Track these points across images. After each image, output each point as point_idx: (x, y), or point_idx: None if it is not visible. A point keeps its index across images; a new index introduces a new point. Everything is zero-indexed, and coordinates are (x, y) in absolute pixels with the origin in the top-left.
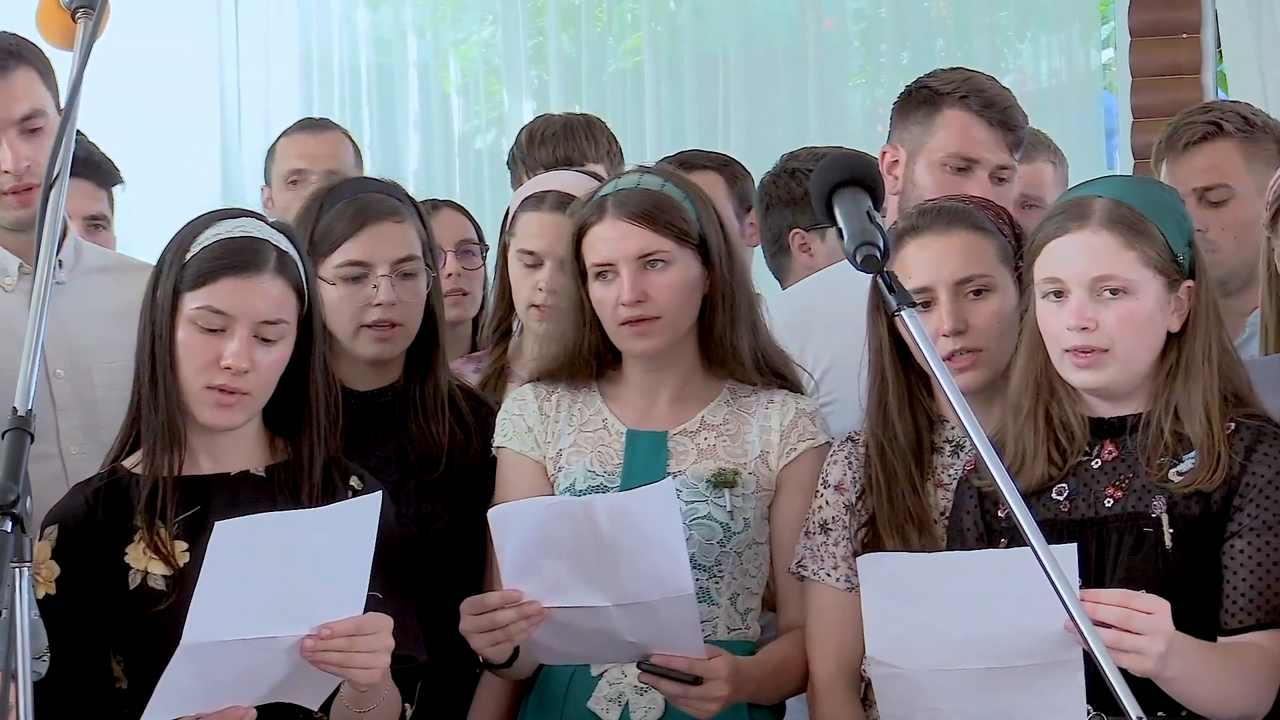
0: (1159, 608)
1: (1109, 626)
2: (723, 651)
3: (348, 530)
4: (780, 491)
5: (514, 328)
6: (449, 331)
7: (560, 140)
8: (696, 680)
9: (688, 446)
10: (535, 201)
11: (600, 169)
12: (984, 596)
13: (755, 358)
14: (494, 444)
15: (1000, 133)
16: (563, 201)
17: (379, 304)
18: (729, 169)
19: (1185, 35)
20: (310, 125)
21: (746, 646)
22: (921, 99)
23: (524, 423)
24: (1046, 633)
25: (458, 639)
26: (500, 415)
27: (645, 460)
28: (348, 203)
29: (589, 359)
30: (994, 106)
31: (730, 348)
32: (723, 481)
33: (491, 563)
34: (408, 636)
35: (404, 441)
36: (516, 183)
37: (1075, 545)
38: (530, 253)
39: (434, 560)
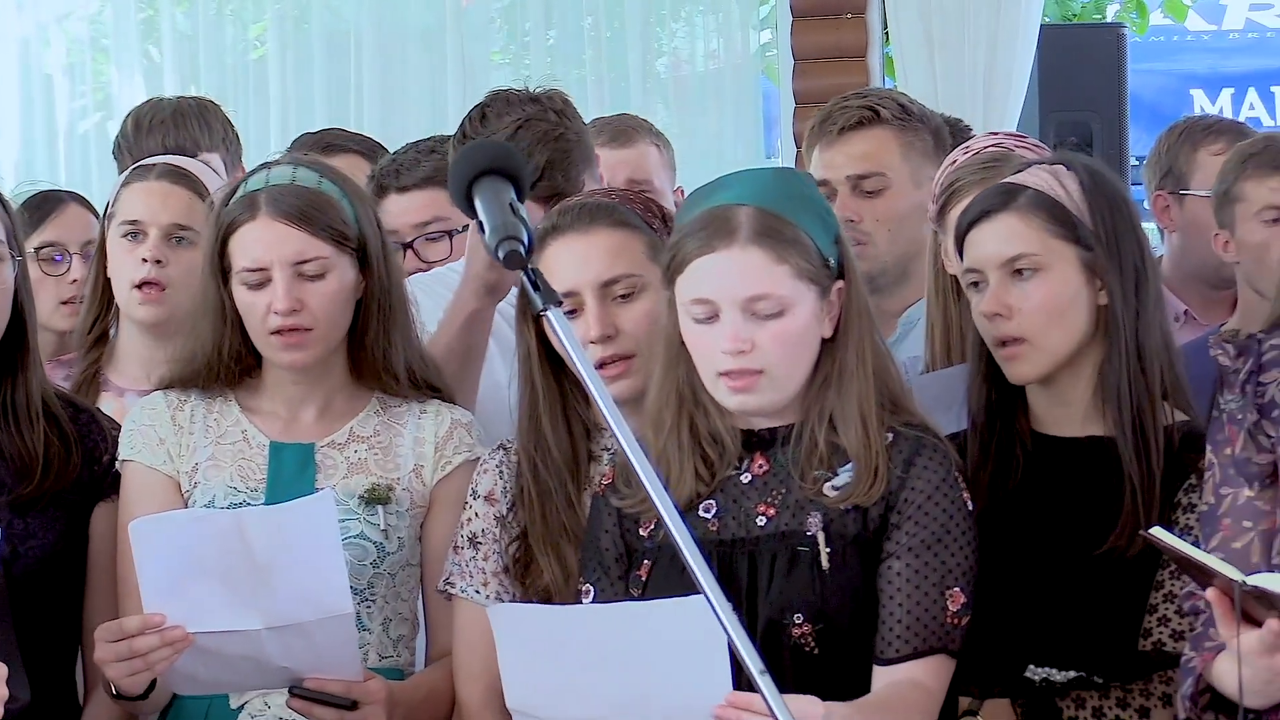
0: (810, 713)
1: None
2: (376, 675)
3: None
4: (434, 508)
5: (111, 332)
6: (65, 343)
7: (170, 127)
8: (353, 705)
9: (337, 460)
10: (142, 172)
11: (215, 158)
12: (622, 652)
13: (409, 371)
14: (119, 457)
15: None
16: (171, 172)
17: None
18: (376, 153)
19: (850, 15)
20: None
21: (398, 674)
22: None
23: (155, 434)
24: (695, 691)
25: (59, 670)
26: (126, 425)
27: (292, 474)
28: None
29: (229, 363)
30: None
31: (383, 360)
32: (376, 498)
33: (96, 589)
34: (12, 673)
35: None
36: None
37: (701, 597)
38: (133, 222)
39: (31, 584)
